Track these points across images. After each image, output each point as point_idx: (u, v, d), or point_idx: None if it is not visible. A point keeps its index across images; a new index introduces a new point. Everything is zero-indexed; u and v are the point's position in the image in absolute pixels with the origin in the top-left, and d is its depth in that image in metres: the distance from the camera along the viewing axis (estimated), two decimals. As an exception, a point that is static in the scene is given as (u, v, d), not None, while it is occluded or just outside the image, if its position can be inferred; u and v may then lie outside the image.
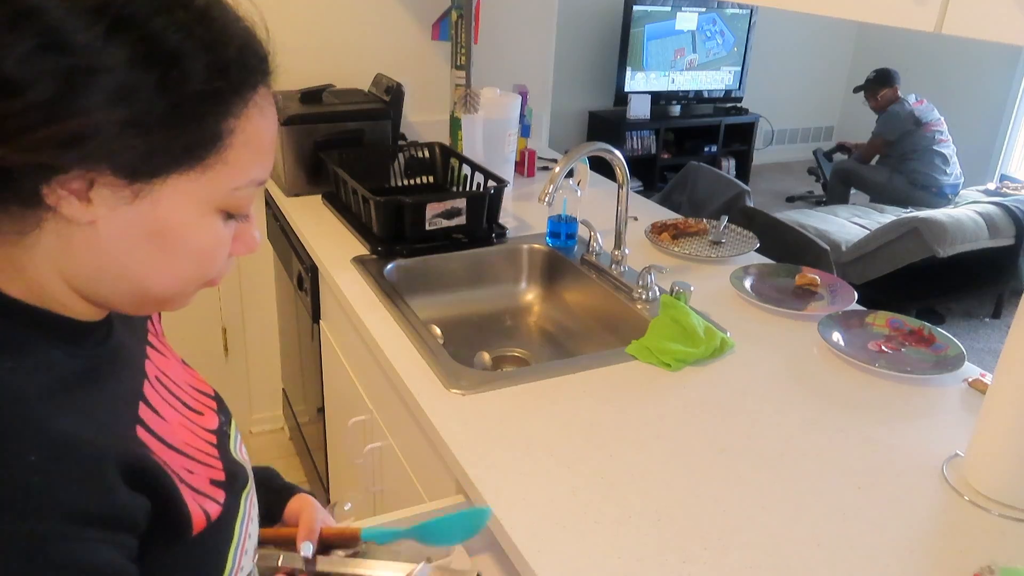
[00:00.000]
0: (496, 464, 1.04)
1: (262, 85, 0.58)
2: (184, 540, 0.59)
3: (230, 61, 0.55)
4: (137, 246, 0.56)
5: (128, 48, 0.50)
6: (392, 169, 2.04)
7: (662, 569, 0.88)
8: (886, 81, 4.71)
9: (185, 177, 0.55)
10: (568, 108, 5.43)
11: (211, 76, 0.54)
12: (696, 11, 5.41)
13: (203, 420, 0.70)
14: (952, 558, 0.92)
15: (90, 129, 0.50)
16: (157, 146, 0.53)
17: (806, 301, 1.55)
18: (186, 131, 0.54)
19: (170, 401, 0.67)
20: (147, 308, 0.62)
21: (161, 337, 0.75)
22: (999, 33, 0.79)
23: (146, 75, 0.51)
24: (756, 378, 1.28)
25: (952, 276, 3.75)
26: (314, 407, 2.07)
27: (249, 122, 0.57)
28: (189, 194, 0.56)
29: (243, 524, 0.68)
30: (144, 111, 0.51)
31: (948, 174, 4.58)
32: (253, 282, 2.44)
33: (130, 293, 0.59)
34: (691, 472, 1.05)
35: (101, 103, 0.50)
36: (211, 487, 0.64)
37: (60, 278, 0.56)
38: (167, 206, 0.55)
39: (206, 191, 0.57)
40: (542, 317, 1.76)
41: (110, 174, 0.52)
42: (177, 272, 0.59)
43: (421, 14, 2.37)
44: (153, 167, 0.54)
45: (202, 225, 0.58)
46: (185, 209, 0.56)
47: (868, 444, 1.12)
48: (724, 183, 3.38)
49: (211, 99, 0.54)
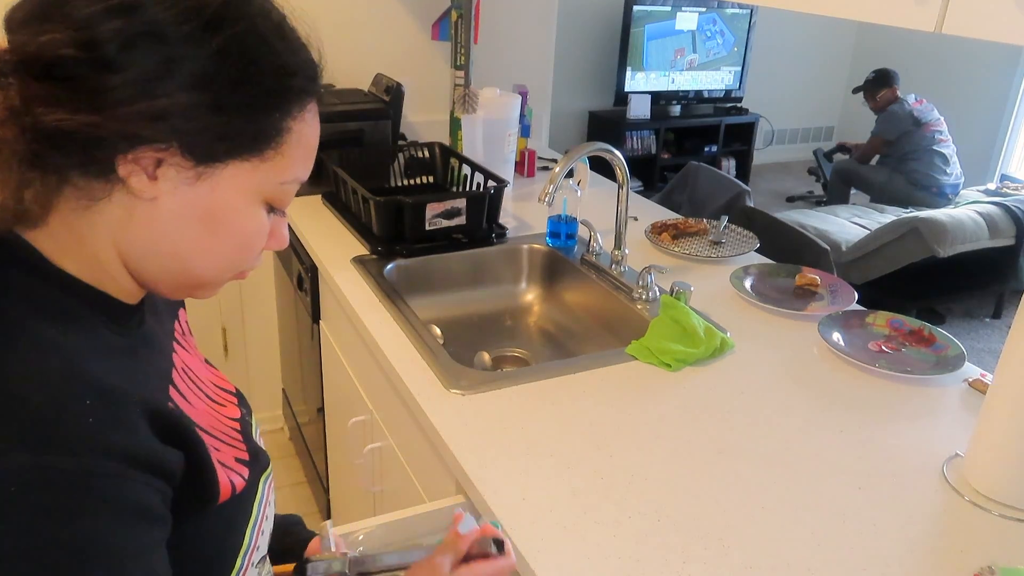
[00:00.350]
0: (496, 464, 1.04)
1: (316, 96, 0.66)
2: (209, 508, 0.63)
3: (297, 68, 0.63)
4: (190, 226, 0.61)
5: (216, 44, 0.58)
6: (392, 169, 2.04)
7: (662, 569, 0.88)
8: (885, 82, 4.71)
9: (245, 165, 0.61)
10: (568, 108, 5.43)
11: (281, 78, 0.61)
12: (696, 11, 5.41)
13: (225, 411, 0.74)
14: (952, 558, 0.92)
15: (175, 107, 0.56)
16: (228, 131, 0.59)
17: (806, 301, 1.55)
18: (255, 122, 0.61)
19: (195, 392, 0.71)
20: (184, 291, 0.67)
21: (188, 336, 0.78)
22: (999, 33, 0.79)
23: (229, 67, 0.58)
24: (756, 378, 1.28)
25: (952, 276, 3.75)
26: (314, 407, 2.07)
27: (304, 124, 0.64)
28: (245, 182, 0.62)
29: (261, 505, 0.72)
30: (222, 98, 0.58)
31: (948, 174, 4.58)
32: (253, 282, 2.44)
33: (175, 272, 0.63)
34: (691, 472, 1.05)
35: (187, 86, 0.57)
36: (236, 464, 0.68)
37: (115, 252, 0.61)
38: (224, 190, 0.61)
39: (259, 181, 0.63)
40: (542, 317, 1.76)
41: (180, 154, 0.58)
42: (221, 255, 0.64)
43: (421, 14, 2.37)
44: (220, 151, 0.60)
45: (250, 213, 0.63)
46: (239, 195, 0.62)
47: (868, 444, 1.12)
48: (724, 183, 3.37)
49: (279, 97, 0.62)
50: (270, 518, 0.75)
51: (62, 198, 0.58)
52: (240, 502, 0.67)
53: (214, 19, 0.58)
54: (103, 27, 0.55)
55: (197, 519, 0.62)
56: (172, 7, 0.57)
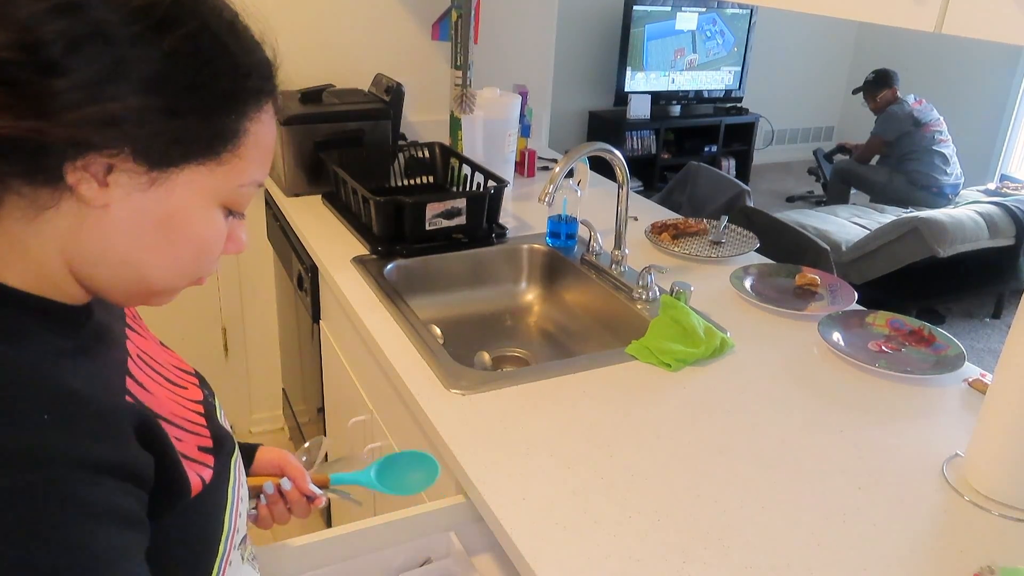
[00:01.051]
0: (496, 464, 1.04)
1: (271, 95, 0.64)
2: (183, 504, 0.62)
3: (252, 68, 0.61)
4: (144, 233, 0.59)
5: (167, 45, 0.56)
6: (392, 169, 2.04)
7: (662, 569, 0.88)
8: (884, 82, 4.71)
9: (201, 169, 0.60)
10: (568, 108, 5.43)
11: (236, 78, 0.60)
12: (696, 11, 5.41)
13: (187, 394, 0.72)
14: (952, 558, 0.92)
15: (126, 111, 0.55)
16: (182, 135, 0.58)
17: (806, 301, 1.55)
18: (210, 124, 0.59)
19: (154, 377, 0.69)
20: (137, 299, 0.65)
21: (139, 319, 0.77)
22: (999, 33, 0.79)
23: (179, 69, 0.57)
24: (756, 378, 1.28)
25: (952, 276, 3.75)
26: (314, 407, 2.07)
27: (261, 125, 0.63)
28: (201, 186, 0.60)
29: (235, 488, 0.71)
30: (176, 101, 0.57)
31: (948, 174, 4.58)
32: (253, 282, 2.44)
33: (128, 280, 0.62)
34: (691, 472, 1.05)
35: (138, 90, 0.55)
36: (200, 453, 0.67)
37: (62, 261, 0.59)
38: (179, 196, 0.59)
39: (216, 185, 0.61)
40: (542, 317, 1.76)
41: (131, 160, 0.56)
42: (177, 262, 0.62)
43: (421, 14, 2.37)
44: (174, 155, 0.58)
45: (207, 218, 0.62)
46: (195, 200, 0.60)
47: (868, 444, 1.12)
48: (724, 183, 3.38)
49: (234, 99, 0.60)
50: (245, 499, 0.75)
51: (5, 207, 0.56)
52: (213, 491, 0.67)
53: (165, 19, 0.56)
54: (46, 28, 0.52)
55: (173, 516, 0.61)
56: (120, 7, 0.55)
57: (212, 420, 0.72)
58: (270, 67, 0.64)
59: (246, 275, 2.43)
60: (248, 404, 2.60)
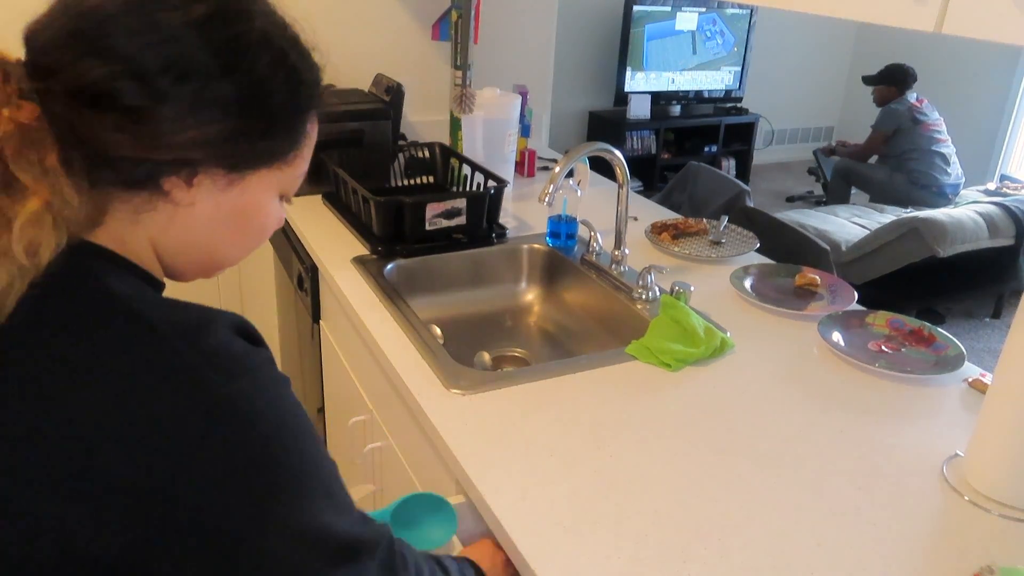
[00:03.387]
0: (496, 464, 1.04)
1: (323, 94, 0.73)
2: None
3: (315, 80, 0.70)
4: (222, 224, 0.69)
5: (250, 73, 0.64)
6: (392, 169, 2.04)
7: (662, 569, 0.88)
8: (890, 80, 4.70)
9: (272, 169, 0.69)
10: (568, 108, 5.43)
11: (304, 95, 0.69)
12: (696, 11, 5.41)
13: None
14: (952, 558, 0.92)
15: (217, 134, 0.63)
16: (261, 148, 0.67)
17: (806, 301, 1.55)
18: (284, 137, 0.69)
19: None
20: (205, 274, 0.74)
21: None
22: (999, 33, 0.79)
23: (263, 93, 0.65)
24: (756, 378, 1.28)
25: (952, 276, 3.75)
26: (314, 407, 2.07)
27: (313, 126, 0.73)
28: (269, 182, 0.70)
29: None
30: (257, 121, 0.65)
31: (948, 174, 4.58)
32: (253, 282, 2.44)
33: (203, 262, 0.72)
34: (691, 472, 1.05)
35: (227, 114, 0.63)
36: None
37: (152, 250, 0.68)
38: (252, 192, 0.69)
39: (281, 180, 0.71)
40: (542, 317, 1.76)
41: (215, 167, 0.65)
42: (245, 244, 0.73)
43: (421, 14, 2.37)
44: (252, 163, 0.67)
45: (271, 206, 0.72)
46: (263, 194, 0.70)
47: (868, 444, 1.12)
48: (724, 183, 3.38)
49: (301, 111, 0.70)
50: None
51: (112, 209, 0.64)
52: None
53: (249, 49, 0.64)
54: (152, 60, 0.59)
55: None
56: (211, 40, 0.62)
57: None
58: (321, 73, 0.72)
59: (246, 275, 2.43)
60: (248, 404, 2.59)
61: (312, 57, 0.71)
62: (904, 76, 4.69)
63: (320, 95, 0.72)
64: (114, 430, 0.56)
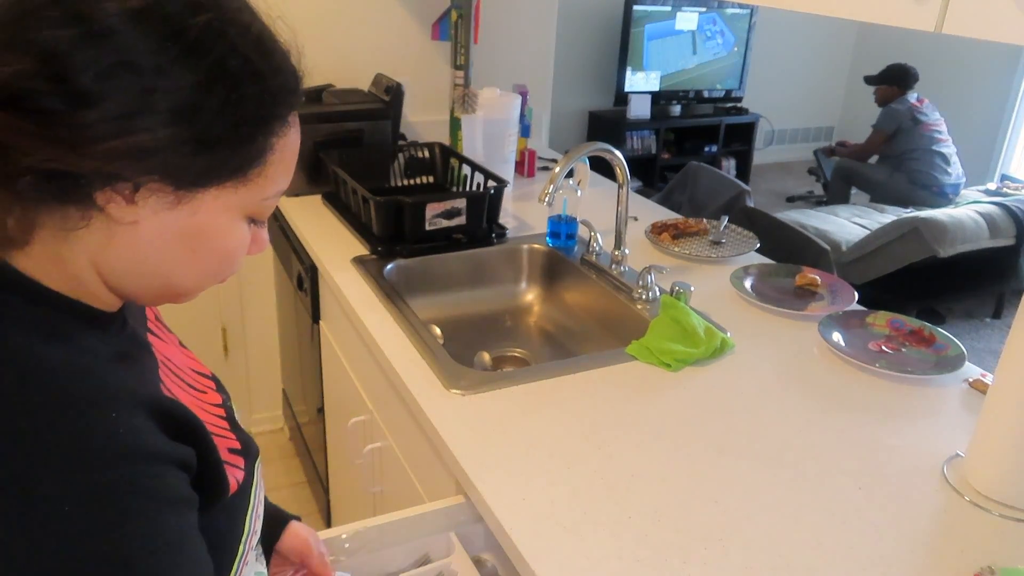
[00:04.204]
0: (496, 464, 1.04)
1: (296, 107, 0.63)
2: (218, 504, 0.64)
3: (279, 87, 0.60)
4: (171, 246, 0.60)
5: (195, 73, 0.55)
6: (392, 169, 2.04)
7: (662, 569, 0.88)
8: (891, 80, 4.69)
9: (226, 188, 0.60)
10: (568, 108, 5.43)
11: (265, 100, 0.59)
12: (696, 11, 5.41)
13: (208, 398, 0.74)
14: (952, 558, 0.92)
15: (155, 143, 0.54)
16: (212, 162, 0.58)
17: (806, 301, 1.55)
18: (239, 150, 0.59)
19: (177, 382, 0.70)
20: (164, 300, 0.66)
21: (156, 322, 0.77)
22: (999, 33, 0.79)
23: (210, 97, 0.55)
24: (756, 378, 1.28)
25: (953, 276, 3.75)
26: (314, 407, 2.07)
27: (283, 140, 0.62)
28: (226, 203, 0.60)
29: (256, 491, 0.73)
30: (205, 130, 0.56)
31: (949, 174, 4.58)
32: (253, 282, 2.44)
33: (155, 288, 0.63)
34: (691, 472, 1.05)
35: (167, 121, 0.54)
36: (232, 455, 0.68)
37: (95, 271, 0.60)
38: (205, 213, 0.60)
39: (242, 201, 0.61)
40: (542, 317, 1.76)
41: (159, 181, 0.56)
42: (202, 270, 0.63)
43: (421, 14, 2.37)
44: (202, 179, 0.58)
45: (231, 230, 0.62)
46: (220, 216, 0.61)
47: (868, 444, 1.12)
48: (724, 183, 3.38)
49: (263, 121, 0.60)
50: (263, 501, 0.77)
51: (41, 223, 0.56)
52: (242, 493, 0.68)
53: (194, 46, 0.55)
54: (76, 57, 0.51)
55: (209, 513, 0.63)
56: (150, 33, 0.53)
57: (235, 424, 0.73)
58: (297, 80, 0.62)
59: (246, 275, 2.43)
60: (248, 404, 2.60)
61: (284, 60, 0.61)
62: (905, 76, 4.68)
63: (292, 105, 0.62)
64: None
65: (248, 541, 0.70)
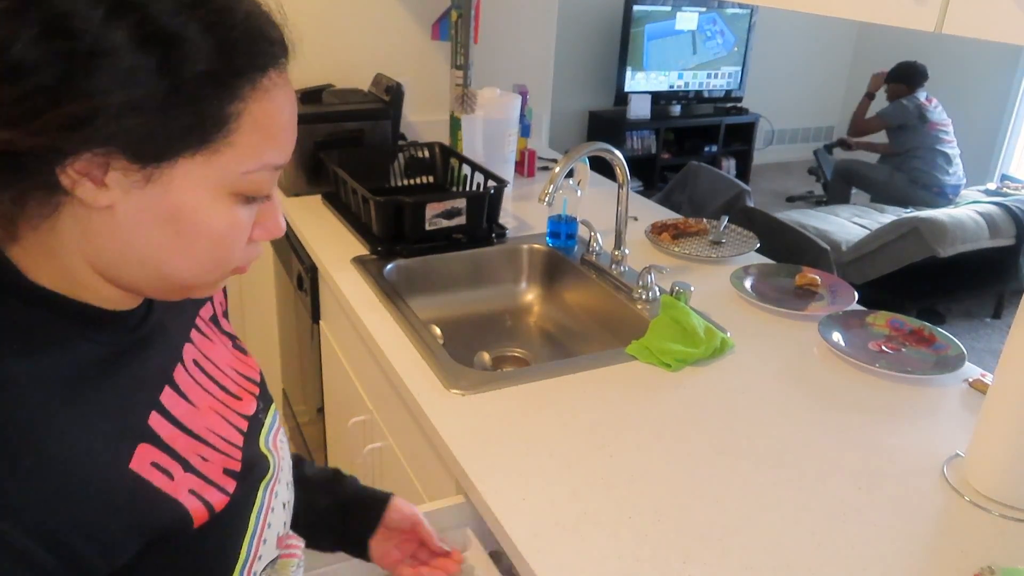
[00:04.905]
0: (496, 464, 1.04)
1: (273, 68, 0.58)
2: (185, 535, 0.60)
3: (235, 43, 0.54)
4: (153, 230, 0.56)
5: (128, 31, 0.50)
6: (392, 169, 2.04)
7: (662, 569, 0.88)
8: (899, 78, 4.69)
9: (193, 160, 0.55)
10: (568, 108, 5.43)
11: (213, 58, 0.53)
12: (696, 11, 5.41)
13: (239, 405, 0.70)
14: (952, 558, 0.92)
15: (93, 111, 0.50)
16: (159, 128, 0.53)
17: (806, 301, 1.55)
18: (188, 113, 0.53)
19: (205, 385, 0.67)
20: (173, 294, 0.62)
21: (210, 320, 0.75)
22: (999, 33, 0.79)
23: (146, 58, 0.51)
24: (756, 378, 1.28)
25: (953, 276, 3.75)
26: (314, 407, 2.07)
27: (258, 105, 0.56)
28: (199, 178, 0.56)
29: (260, 514, 0.68)
30: (145, 93, 0.51)
31: (951, 174, 4.58)
32: (253, 282, 2.44)
33: (153, 278, 0.59)
34: (691, 472, 1.05)
35: (103, 86, 0.50)
36: (222, 476, 0.64)
37: (86, 263, 0.57)
38: (179, 190, 0.55)
39: (216, 175, 0.56)
40: (542, 317, 1.76)
41: (122, 158, 0.53)
42: (194, 257, 0.59)
43: (421, 14, 2.37)
44: (158, 150, 0.54)
45: (216, 209, 0.57)
46: (197, 193, 0.56)
47: (868, 444, 1.12)
48: (724, 183, 3.38)
49: (214, 81, 0.54)
50: (275, 525, 0.72)
51: (22, 214, 0.54)
52: (226, 517, 0.63)
53: (121, 2, 0.50)
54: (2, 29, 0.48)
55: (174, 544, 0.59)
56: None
57: (252, 441, 0.70)
58: (264, 39, 0.57)
59: (246, 275, 2.42)
60: (248, 404, 2.59)
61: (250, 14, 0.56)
62: (914, 74, 4.67)
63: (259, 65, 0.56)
64: None
65: (248, 566, 0.66)
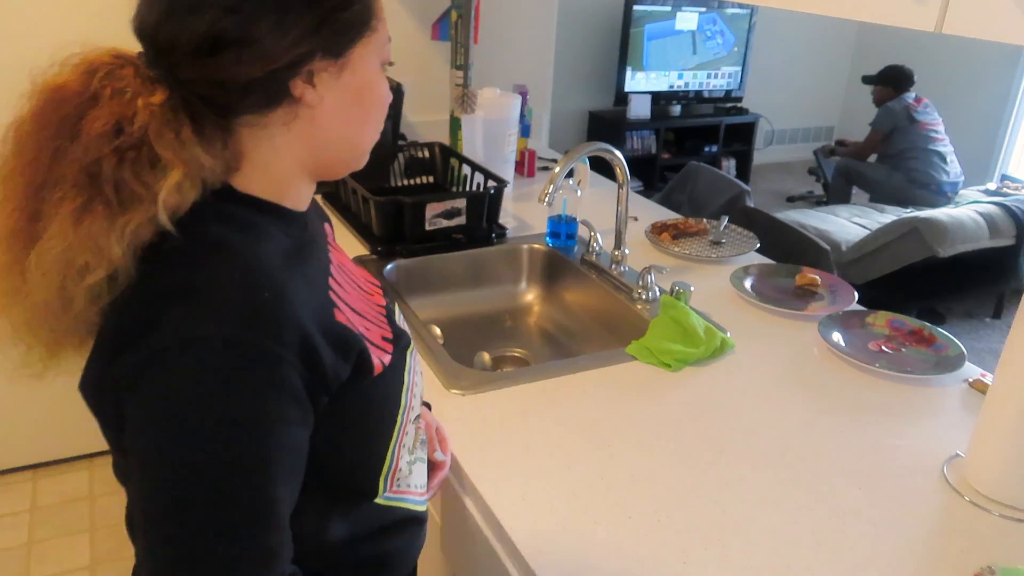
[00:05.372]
0: (496, 464, 1.04)
1: None
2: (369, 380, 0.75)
3: None
4: (349, 109, 0.75)
5: None
6: (392, 169, 2.04)
7: (662, 569, 0.88)
8: (887, 81, 4.71)
9: (365, 40, 0.73)
10: (568, 108, 5.43)
11: None
12: (696, 11, 5.40)
13: (374, 299, 0.87)
14: (952, 558, 0.92)
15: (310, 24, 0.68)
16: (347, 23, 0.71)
17: (806, 301, 1.55)
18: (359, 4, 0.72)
19: (348, 283, 0.83)
20: (355, 164, 0.81)
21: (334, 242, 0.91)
22: (999, 33, 0.79)
23: None
24: (756, 378, 1.28)
25: (953, 276, 3.75)
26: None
27: None
28: (370, 53, 0.74)
29: (410, 373, 0.84)
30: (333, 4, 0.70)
31: (947, 172, 4.59)
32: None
33: (346, 153, 0.79)
34: (691, 472, 1.05)
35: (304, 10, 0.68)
36: (383, 342, 0.80)
37: (298, 166, 0.75)
38: (360, 69, 0.74)
39: (377, 48, 0.75)
40: (542, 317, 1.76)
41: (322, 58, 0.70)
42: (374, 122, 0.79)
43: (421, 14, 2.37)
44: (347, 40, 0.72)
45: (380, 76, 0.77)
46: (370, 67, 0.75)
47: (868, 444, 1.12)
48: (724, 183, 3.38)
49: None
50: (419, 384, 0.88)
51: (250, 145, 0.71)
52: (392, 373, 0.79)
53: None
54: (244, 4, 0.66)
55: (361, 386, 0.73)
56: None
57: (392, 319, 0.85)
58: None
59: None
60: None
61: None
62: (900, 77, 4.69)
63: None
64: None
65: (406, 415, 0.82)
